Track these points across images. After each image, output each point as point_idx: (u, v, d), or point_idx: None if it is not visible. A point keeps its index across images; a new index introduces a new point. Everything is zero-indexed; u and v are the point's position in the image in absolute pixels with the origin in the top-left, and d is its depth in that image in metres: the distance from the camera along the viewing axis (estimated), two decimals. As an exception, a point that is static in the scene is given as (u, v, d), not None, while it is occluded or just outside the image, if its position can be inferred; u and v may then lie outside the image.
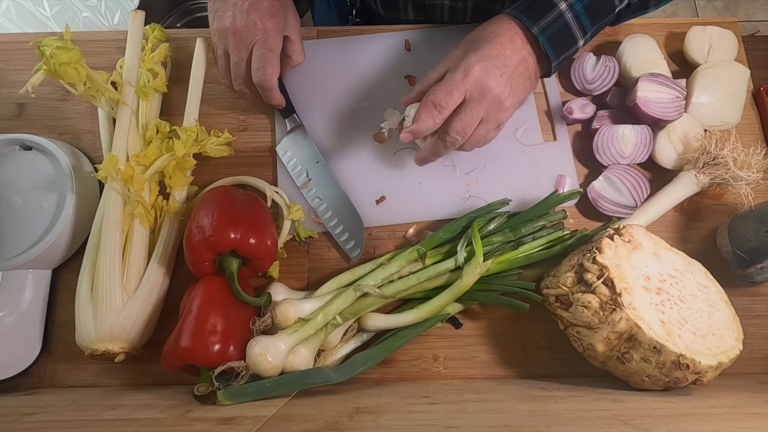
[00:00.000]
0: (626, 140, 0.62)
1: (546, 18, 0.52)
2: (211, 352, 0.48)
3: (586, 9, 0.53)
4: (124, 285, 0.53)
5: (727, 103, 0.64)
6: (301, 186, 0.63)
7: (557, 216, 0.59)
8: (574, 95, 0.68)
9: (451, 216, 0.62)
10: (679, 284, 0.52)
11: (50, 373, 0.57)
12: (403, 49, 0.69)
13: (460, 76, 0.50)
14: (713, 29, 0.67)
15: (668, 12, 1.85)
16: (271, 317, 0.53)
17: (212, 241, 0.51)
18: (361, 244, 0.60)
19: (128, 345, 0.53)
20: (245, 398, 0.47)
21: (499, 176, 0.64)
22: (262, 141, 0.66)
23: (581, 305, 0.49)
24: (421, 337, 0.57)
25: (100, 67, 0.61)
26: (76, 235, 0.58)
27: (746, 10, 1.86)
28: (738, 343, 0.50)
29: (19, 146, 0.61)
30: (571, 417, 0.41)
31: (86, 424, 0.43)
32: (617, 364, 0.48)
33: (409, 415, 0.43)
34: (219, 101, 0.68)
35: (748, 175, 0.57)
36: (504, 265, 0.56)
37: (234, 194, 0.56)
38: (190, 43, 0.67)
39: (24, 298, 0.56)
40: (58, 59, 0.51)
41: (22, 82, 0.51)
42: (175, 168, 0.59)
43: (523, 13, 0.53)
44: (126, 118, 0.57)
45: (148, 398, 0.51)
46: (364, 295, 0.54)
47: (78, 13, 1.30)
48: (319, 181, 0.63)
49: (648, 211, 0.59)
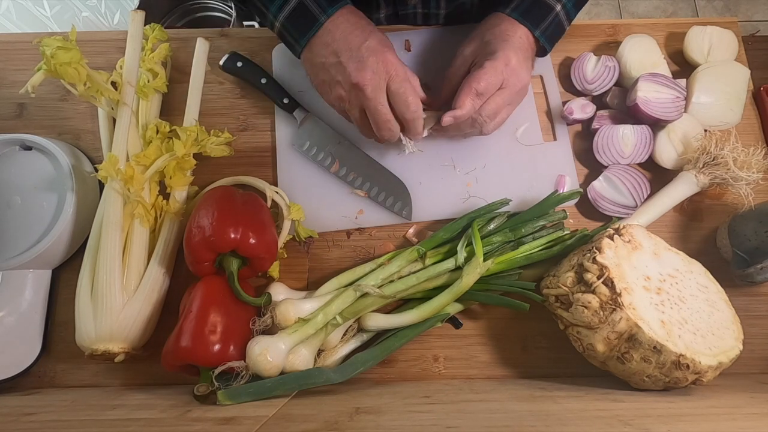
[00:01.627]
0: (626, 140, 0.62)
1: (545, 21, 0.58)
2: (211, 352, 0.48)
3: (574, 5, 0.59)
4: (124, 285, 0.53)
5: (727, 103, 0.64)
6: (331, 170, 0.63)
7: (557, 216, 0.59)
8: (574, 95, 0.68)
9: (451, 216, 0.62)
10: (679, 284, 0.52)
11: (50, 373, 0.57)
12: (403, 49, 0.69)
13: (501, 65, 0.53)
14: (713, 29, 0.67)
15: (668, 12, 1.85)
16: (271, 317, 0.53)
17: (212, 241, 0.51)
18: (409, 203, 0.62)
19: (128, 345, 0.53)
20: (245, 398, 0.47)
21: (499, 176, 0.64)
22: (262, 141, 0.66)
23: (581, 305, 0.49)
24: (421, 337, 0.57)
25: (100, 67, 0.61)
26: (76, 235, 0.58)
27: (746, 10, 1.86)
28: (738, 343, 0.50)
29: (19, 146, 0.61)
30: (571, 417, 0.41)
31: (86, 424, 0.43)
32: (617, 364, 0.48)
33: (409, 415, 0.43)
34: (219, 101, 0.68)
35: (748, 175, 0.57)
36: (504, 265, 0.56)
37: (234, 194, 0.56)
38: (190, 43, 0.67)
39: (24, 298, 0.56)
40: (58, 59, 0.51)
41: (22, 82, 0.51)
42: (175, 168, 0.59)
43: (523, 17, 0.57)
44: (126, 118, 0.57)
45: (148, 398, 0.51)
46: (364, 295, 0.54)
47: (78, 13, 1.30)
48: (347, 158, 0.63)
49: (648, 211, 0.59)
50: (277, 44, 0.69)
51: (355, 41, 0.53)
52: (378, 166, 0.64)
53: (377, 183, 0.63)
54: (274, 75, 0.68)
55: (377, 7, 0.69)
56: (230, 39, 0.71)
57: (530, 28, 0.57)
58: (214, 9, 1.45)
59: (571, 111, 0.64)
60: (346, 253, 0.62)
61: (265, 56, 0.69)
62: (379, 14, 0.71)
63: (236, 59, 0.66)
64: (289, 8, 0.55)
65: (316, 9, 0.54)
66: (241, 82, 0.68)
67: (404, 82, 0.53)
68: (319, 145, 0.64)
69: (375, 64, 0.52)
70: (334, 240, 0.63)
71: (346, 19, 0.55)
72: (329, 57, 0.54)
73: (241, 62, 0.66)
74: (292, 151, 0.65)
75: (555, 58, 0.69)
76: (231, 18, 1.37)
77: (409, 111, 0.54)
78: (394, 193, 0.62)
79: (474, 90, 0.53)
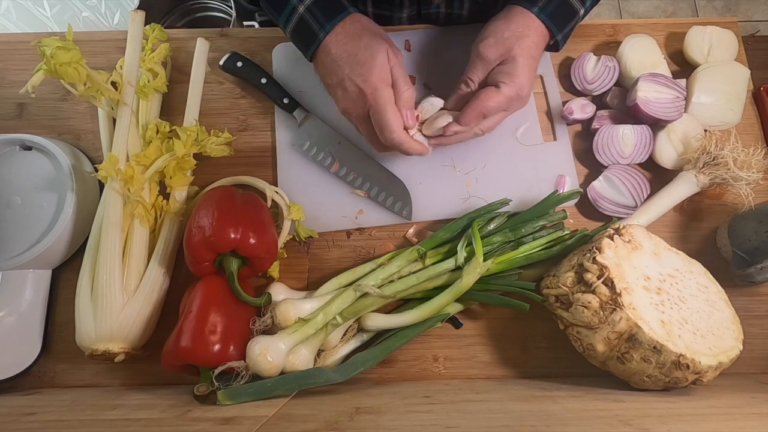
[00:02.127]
0: (626, 140, 0.62)
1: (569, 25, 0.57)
2: (211, 352, 0.48)
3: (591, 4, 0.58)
4: (124, 285, 0.53)
5: (727, 103, 0.64)
6: (331, 170, 0.63)
7: (557, 216, 0.59)
8: (574, 95, 0.68)
9: (451, 216, 0.62)
10: (679, 284, 0.52)
11: (50, 373, 0.57)
12: (403, 49, 0.69)
13: (514, 92, 0.53)
14: (713, 29, 0.67)
15: (668, 12, 1.85)
16: (271, 317, 0.53)
17: (212, 241, 0.51)
18: (409, 203, 0.62)
19: (128, 345, 0.53)
20: (245, 398, 0.47)
21: (499, 176, 0.64)
22: (262, 141, 0.66)
23: (581, 305, 0.49)
24: (421, 337, 0.57)
25: (100, 67, 0.61)
26: (76, 235, 0.58)
27: (746, 10, 1.86)
28: (738, 343, 0.50)
29: (19, 146, 0.61)
30: (571, 417, 0.41)
31: (86, 424, 0.43)
32: (617, 364, 0.48)
33: (409, 415, 0.43)
34: (219, 101, 0.68)
35: (748, 175, 0.57)
36: (504, 265, 0.56)
37: (234, 194, 0.56)
38: (190, 43, 0.67)
39: (24, 298, 0.56)
40: (58, 59, 0.51)
41: (22, 82, 0.51)
42: (175, 168, 0.59)
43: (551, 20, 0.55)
44: (126, 118, 0.57)
45: (148, 398, 0.51)
46: (364, 295, 0.54)
47: (78, 13, 1.30)
48: (348, 158, 0.63)
49: (648, 211, 0.59)
50: (277, 44, 0.69)
51: (344, 66, 0.53)
52: (378, 166, 0.64)
53: (377, 183, 0.63)
54: (274, 75, 0.68)
55: (400, 6, 0.69)
56: (230, 39, 0.71)
57: (554, 32, 0.55)
58: (214, 9, 1.45)
59: (571, 111, 0.64)
60: (346, 253, 0.62)
61: (265, 56, 0.69)
62: (402, 14, 0.70)
63: (236, 59, 0.66)
64: (293, 23, 0.56)
65: (315, 25, 0.54)
66: (241, 82, 0.68)
67: (381, 115, 0.52)
68: (319, 145, 0.64)
69: (356, 93, 0.53)
70: (334, 240, 0.63)
71: (345, 31, 0.54)
72: (326, 78, 0.56)
73: (241, 62, 0.66)
74: (292, 151, 0.65)
75: (555, 58, 0.69)
76: (231, 18, 1.37)
77: (392, 141, 0.53)
78: (394, 193, 0.62)
79: (482, 113, 0.54)
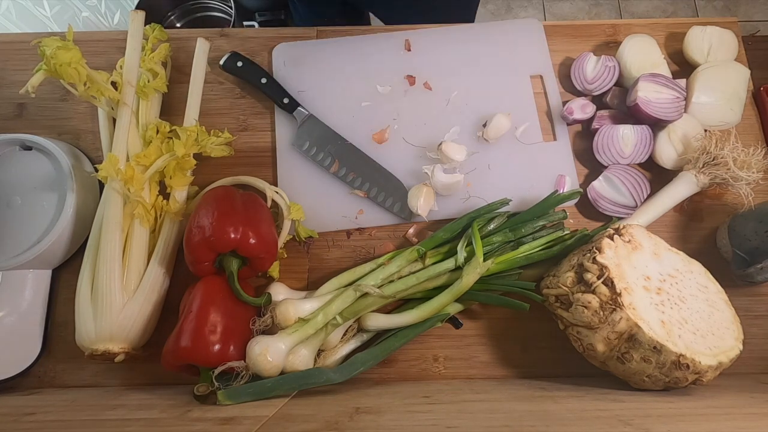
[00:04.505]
0: (626, 140, 0.62)
1: None
2: (211, 352, 0.48)
3: None
4: (124, 285, 0.53)
5: (727, 103, 0.64)
6: (331, 170, 0.63)
7: (557, 216, 0.59)
8: (574, 95, 0.68)
9: (451, 216, 0.62)
10: (679, 284, 0.51)
11: (50, 373, 0.57)
12: (403, 49, 0.69)
13: None
14: (713, 29, 0.67)
15: (668, 12, 1.85)
16: (271, 317, 0.53)
17: (212, 241, 0.51)
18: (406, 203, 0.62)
19: (128, 345, 0.53)
20: (245, 398, 0.47)
21: (499, 176, 0.64)
22: (262, 141, 0.66)
23: (581, 305, 0.49)
24: (421, 337, 0.57)
25: (100, 67, 0.61)
26: (76, 235, 0.58)
27: (746, 10, 1.86)
28: (738, 343, 0.50)
29: (19, 146, 0.61)
30: (571, 417, 0.41)
31: (86, 424, 0.43)
32: (617, 364, 0.48)
33: (409, 415, 0.43)
34: (219, 101, 0.68)
35: (748, 175, 0.57)
36: (504, 265, 0.56)
37: (234, 194, 0.56)
38: (190, 43, 0.67)
39: (24, 298, 0.56)
40: (58, 59, 0.51)
41: (22, 82, 0.51)
42: (175, 168, 0.59)
43: None
44: (126, 118, 0.57)
45: (148, 398, 0.51)
46: (364, 295, 0.54)
47: (78, 13, 1.31)
48: (347, 158, 0.64)
49: (648, 211, 0.59)
50: (277, 44, 0.69)
51: None
52: (378, 166, 0.64)
53: (377, 183, 0.63)
54: (274, 75, 0.68)
55: None
56: (230, 39, 0.71)
57: None
58: (214, 9, 1.45)
59: (571, 111, 0.64)
60: (346, 253, 0.62)
61: (265, 56, 0.69)
62: None
63: (236, 59, 0.66)
64: None
65: None
66: (241, 82, 0.68)
67: None
68: (319, 145, 0.64)
69: None
70: (334, 240, 0.63)
71: None
72: None
73: (241, 62, 0.66)
74: (292, 151, 0.65)
75: (555, 58, 0.69)
76: (231, 18, 1.37)
77: None
78: (393, 194, 0.62)
79: None
